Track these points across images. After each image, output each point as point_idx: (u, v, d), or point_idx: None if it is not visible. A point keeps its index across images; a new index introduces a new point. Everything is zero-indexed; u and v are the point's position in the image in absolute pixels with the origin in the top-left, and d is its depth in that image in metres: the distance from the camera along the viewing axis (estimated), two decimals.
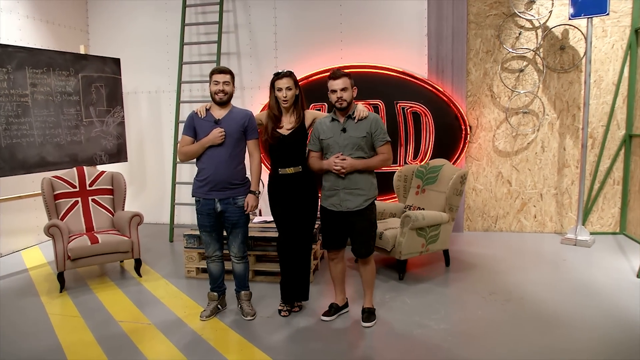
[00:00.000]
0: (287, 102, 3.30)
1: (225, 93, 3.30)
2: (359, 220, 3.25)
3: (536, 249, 5.00)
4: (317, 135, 3.32)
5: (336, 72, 3.22)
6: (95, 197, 4.61)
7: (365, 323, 3.33)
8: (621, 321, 3.31)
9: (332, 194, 3.26)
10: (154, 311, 3.64)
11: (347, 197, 3.22)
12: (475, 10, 5.44)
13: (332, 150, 3.24)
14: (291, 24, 5.85)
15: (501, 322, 3.36)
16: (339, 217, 3.28)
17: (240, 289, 3.59)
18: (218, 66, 3.52)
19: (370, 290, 3.43)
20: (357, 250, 3.32)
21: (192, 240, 4.33)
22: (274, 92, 3.34)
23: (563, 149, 5.43)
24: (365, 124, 3.21)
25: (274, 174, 3.45)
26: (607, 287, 3.92)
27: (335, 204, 3.26)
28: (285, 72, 3.31)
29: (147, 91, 6.27)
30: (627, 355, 2.88)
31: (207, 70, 6.05)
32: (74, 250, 3.99)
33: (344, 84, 3.17)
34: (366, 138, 3.20)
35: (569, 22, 5.18)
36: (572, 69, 5.30)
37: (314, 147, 3.36)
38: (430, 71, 5.55)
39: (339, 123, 3.25)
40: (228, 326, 3.37)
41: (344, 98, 3.17)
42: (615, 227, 5.44)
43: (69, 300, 3.87)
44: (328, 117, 3.34)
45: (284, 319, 3.48)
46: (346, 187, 3.21)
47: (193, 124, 3.35)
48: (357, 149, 3.20)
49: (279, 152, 3.38)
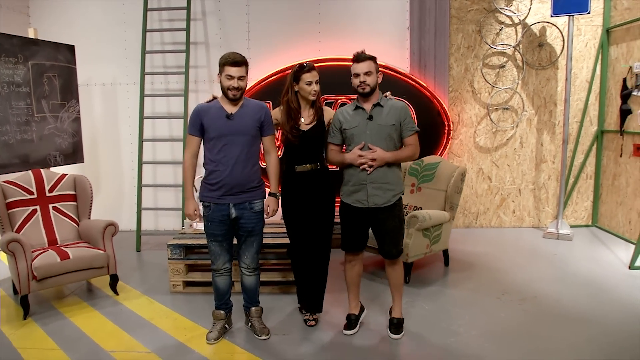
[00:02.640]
0: (316, 96, 3.03)
1: (239, 90, 2.86)
2: (388, 217, 2.97)
3: (523, 245, 5.01)
4: (339, 126, 3.01)
5: (360, 54, 2.93)
6: (56, 204, 3.97)
7: (395, 335, 3.08)
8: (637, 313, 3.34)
9: (358, 189, 2.95)
10: (147, 336, 3.15)
11: (375, 192, 2.92)
12: (457, 4, 5.36)
13: (356, 141, 2.94)
14: (265, 14, 5.45)
15: (528, 323, 3.26)
16: (364, 215, 2.99)
17: (250, 305, 3.20)
18: (231, 54, 2.82)
19: (399, 296, 3.16)
20: (387, 251, 3.03)
21: (178, 251, 3.84)
22: (295, 85, 3.04)
23: (541, 144, 5.51)
24: (394, 111, 2.94)
25: (289, 172, 3.15)
26: (607, 280, 3.96)
27: (361, 199, 2.96)
28: (312, 65, 3.02)
29: (101, 83, 5.58)
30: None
31: (171, 61, 5.51)
32: (41, 268, 3.38)
33: (368, 67, 2.89)
34: (395, 127, 2.93)
35: (547, 19, 5.24)
36: (550, 66, 5.38)
37: (334, 139, 3.05)
38: (412, 66, 5.40)
39: (363, 111, 2.96)
40: (244, 349, 2.98)
41: (367, 82, 2.89)
42: (588, 219, 5.61)
43: (38, 329, 3.26)
44: (349, 106, 3.04)
45: (302, 335, 3.14)
46: (374, 181, 2.91)
47: (200, 120, 2.90)
48: (386, 138, 2.93)
49: (298, 148, 3.09)
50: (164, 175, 5.63)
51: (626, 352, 2.87)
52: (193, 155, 2.97)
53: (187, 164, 2.97)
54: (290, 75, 3.05)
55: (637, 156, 4.80)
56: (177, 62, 5.48)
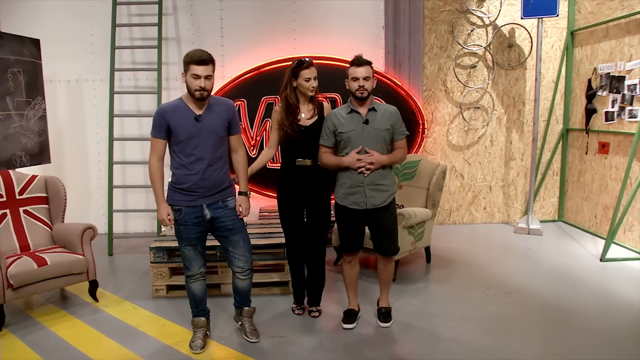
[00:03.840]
0: (314, 92, 3.05)
1: (206, 90, 2.71)
2: (385, 216, 3.04)
3: (497, 240, 5.17)
4: (333, 129, 3.00)
5: (360, 58, 2.97)
6: (27, 207, 3.74)
7: (384, 323, 3.19)
8: (618, 304, 3.50)
9: (355, 192, 2.99)
10: (137, 343, 3.02)
11: (372, 194, 2.98)
12: (430, 5, 5.44)
13: (352, 145, 2.96)
14: (240, 10, 5.34)
15: (517, 316, 3.37)
16: (361, 216, 3.03)
17: (243, 305, 3.11)
18: (197, 52, 2.67)
19: (388, 289, 3.29)
20: (385, 248, 3.09)
21: (161, 254, 3.71)
22: (293, 81, 3.04)
23: (510, 142, 5.70)
24: (388, 116, 3.01)
25: (288, 166, 3.16)
26: (581, 272, 4.14)
27: (358, 201, 2.99)
28: (311, 62, 3.04)
29: (65, 80, 5.29)
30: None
31: (140, 58, 5.31)
32: (18, 276, 3.16)
33: (367, 72, 2.93)
34: (389, 130, 3.00)
35: (516, 21, 5.42)
36: (519, 66, 5.57)
37: (327, 142, 3.04)
38: (387, 65, 5.45)
39: (358, 115, 2.97)
40: (242, 353, 2.90)
41: (365, 87, 2.92)
42: (555, 214, 5.86)
43: (16, 341, 3.05)
44: (343, 109, 3.05)
45: (297, 336, 3.10)
46: (371, 182, 2.96)
47: (166, 122, 2.73)
48: (381, 142, 2.98)
49: (300, 143, 3.10)
50: (134, 176, 5.42)
51: (615, 343, 3.01)
52: (159, 159, 2.81)
53: (153, 168, 2.80)
54: (289, 71, 3.05)
55: (602, 153, 5.05)
56: (147, 59, 5.28)
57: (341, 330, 3.15)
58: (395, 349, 2.96)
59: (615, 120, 4.82)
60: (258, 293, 3.70)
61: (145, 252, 4.87)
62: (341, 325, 3.18)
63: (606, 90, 4.93)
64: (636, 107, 4.55)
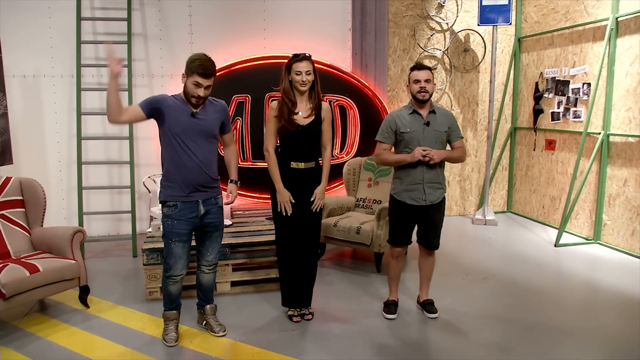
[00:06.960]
0: (306, 87, 3.05)
1: (203, 98, 2.81)
2: (436, 213, 3.28)
3: (460, 231, 5.55)
4: (395, 128, 3.18)
5: (421, 63, 3.24)
6: (3, 212, 3.49)
7: (432, 314, 3.39)
8: (574, 280, 3.98)
9: (414, 188, 3.19)
10: (149, 346, 2.96)
11: (430, 191, 3.20)
12: (393, 9, 5.71)
13: (412, 144, 3.14)
14: (210, 7, 5.27)
15: (500, 298, 3.71)
16: (417, 212, 3.24)
17: (205, 303, 3.20)
18: (204, 63, 2.71)
19: (429, 282, 3.52)
20: (431, 243, 3.35)
21: (155, 255, 3.63)
22: (289, 75, 3.07)
23: (465, 140, 6.11)
24: (446, 118, 3.26)
25: (282, 168, 3.16)
26: (540, 257, 4.62)
27: (417, 198, 3.19)
28: (305, 55, 3.06)
29: (21, 75, 4.94)
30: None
31: (104, 53, 5.06)
32: (10, 285, 2.97)
33: (427, 75, 3.16)
34: (447, 132, 3.23)
35: (471, 27, 5.83)
36: (473, 69, 5.99)
37: (387, 139, 3.22)
38: (354, 65, 5.64)
39: (420, 116, 3.17)
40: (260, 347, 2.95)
41: (426, 89, 3.14)
42: (504, 206, 6.37)
43: (13, 353, 2.87)
44: (405, 110, 3.25)
45: (313, 327, 3.21)
46: (430, 180, 3.18)
47: (160, 105, 2.78)
48: (439, 143, 3.20)
49: (295, 143, 3.13)
50: (96, 177, 5.17)
51: (576, 310, 3.41)
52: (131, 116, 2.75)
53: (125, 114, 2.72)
54: (285, 65, 3.09)
55: (548, 150, 5.58)
56: None
57: (352, 323, 3.29)
58: (411, 335, 3.16)
59: (560, 120, 5.36)
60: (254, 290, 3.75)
61: (119, 255, 4.71)
62: (383, 316, 3.38)
63: (552, 93, 5.46)
64: (580, 108, 5.10)
